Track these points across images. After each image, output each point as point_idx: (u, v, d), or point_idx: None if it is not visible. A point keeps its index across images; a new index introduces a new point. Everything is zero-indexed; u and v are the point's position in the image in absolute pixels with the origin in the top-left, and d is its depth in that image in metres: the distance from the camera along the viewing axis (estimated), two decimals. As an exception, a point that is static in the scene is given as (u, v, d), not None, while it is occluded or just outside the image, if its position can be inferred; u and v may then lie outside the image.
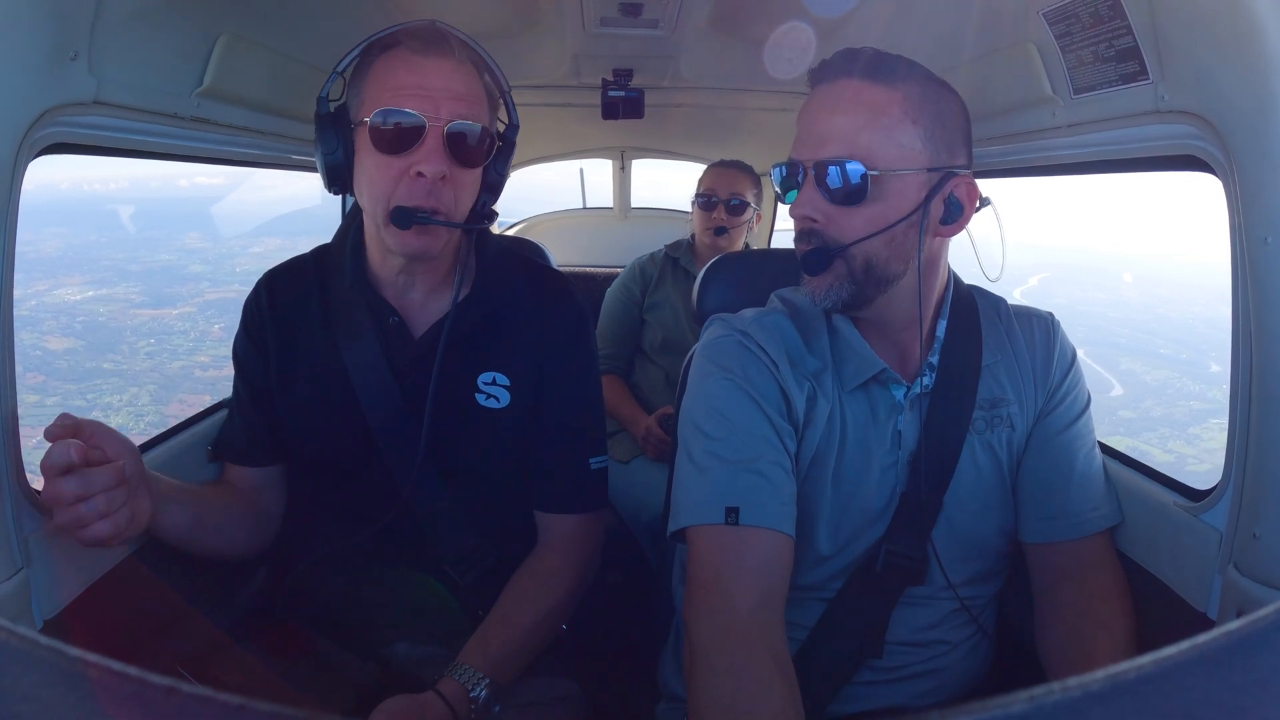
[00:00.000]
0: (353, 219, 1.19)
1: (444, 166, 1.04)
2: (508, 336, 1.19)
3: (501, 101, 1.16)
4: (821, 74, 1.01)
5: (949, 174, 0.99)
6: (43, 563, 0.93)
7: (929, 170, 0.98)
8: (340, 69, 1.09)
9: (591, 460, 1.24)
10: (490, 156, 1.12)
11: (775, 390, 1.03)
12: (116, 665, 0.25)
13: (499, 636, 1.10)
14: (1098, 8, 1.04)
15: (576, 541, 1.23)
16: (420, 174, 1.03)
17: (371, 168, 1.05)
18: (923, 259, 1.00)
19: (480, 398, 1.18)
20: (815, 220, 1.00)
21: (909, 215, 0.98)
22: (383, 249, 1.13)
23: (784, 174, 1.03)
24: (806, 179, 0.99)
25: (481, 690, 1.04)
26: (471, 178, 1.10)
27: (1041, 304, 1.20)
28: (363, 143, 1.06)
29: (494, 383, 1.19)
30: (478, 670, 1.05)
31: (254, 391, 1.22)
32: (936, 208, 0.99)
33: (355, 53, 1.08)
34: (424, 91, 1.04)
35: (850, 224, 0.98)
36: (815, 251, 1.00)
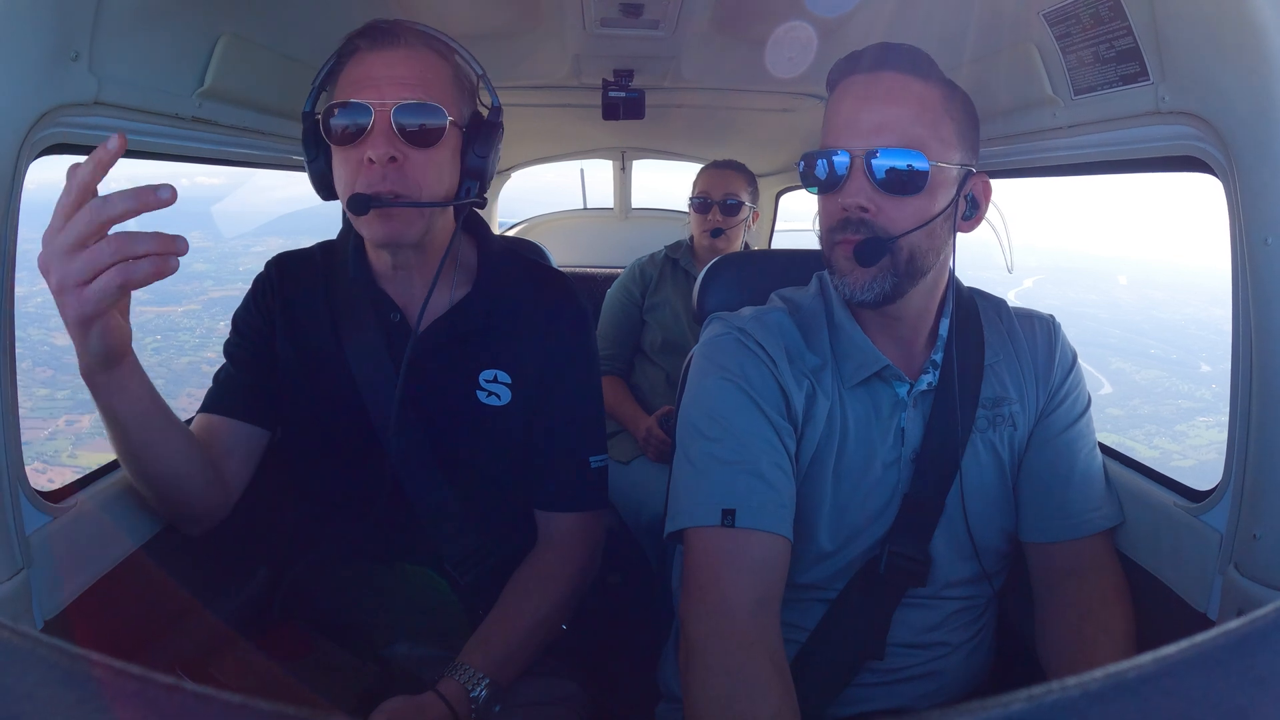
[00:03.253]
0: None
1: (391, 149, 1.03)
2: (510, 334, 1.19)
3: (480, 86, 1.16)
4: (856, 65, 1.00)
5: (969, 171, 1.01)
6: (44, 562, 0.93)
7: (960, 165, 1.00)
8: (317, 82, 1.11)
9: (592, 459, 1.23)
10: (457, 138, 1.10)
11: (774, 388, 1.03)
12: (118, 664, 0.25)
13: (499, 636, 1.10)
14: (1098, 9, 1.04)
15: (577, 540, 1.23)
16: (370, 160, 1.03)
17: (336, 164, 1.08)
18: (946, 254, 1.02)
19: (481, 395, 1.18)
20: (867, 210, 0.98)
21: (945, 209, 0.99)
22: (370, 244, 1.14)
23: (816, 164, 1.01)
24: (855, 168, 0.98)
25: (482, 690, 1.04)
26: (431, 159, 1.06)
27: (1035, 305, 1.20)
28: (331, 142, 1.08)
29: (495, 380, 1.18)
30: (478, 670, 1.05)
31: (253, 351, 1.19)
32: (961, 204, 1.01)
33: (329, 64, 1.11)
34: (370, 82, 1.05)
35: (900, 215, 0.98)
36: (871, 241, 0.98)
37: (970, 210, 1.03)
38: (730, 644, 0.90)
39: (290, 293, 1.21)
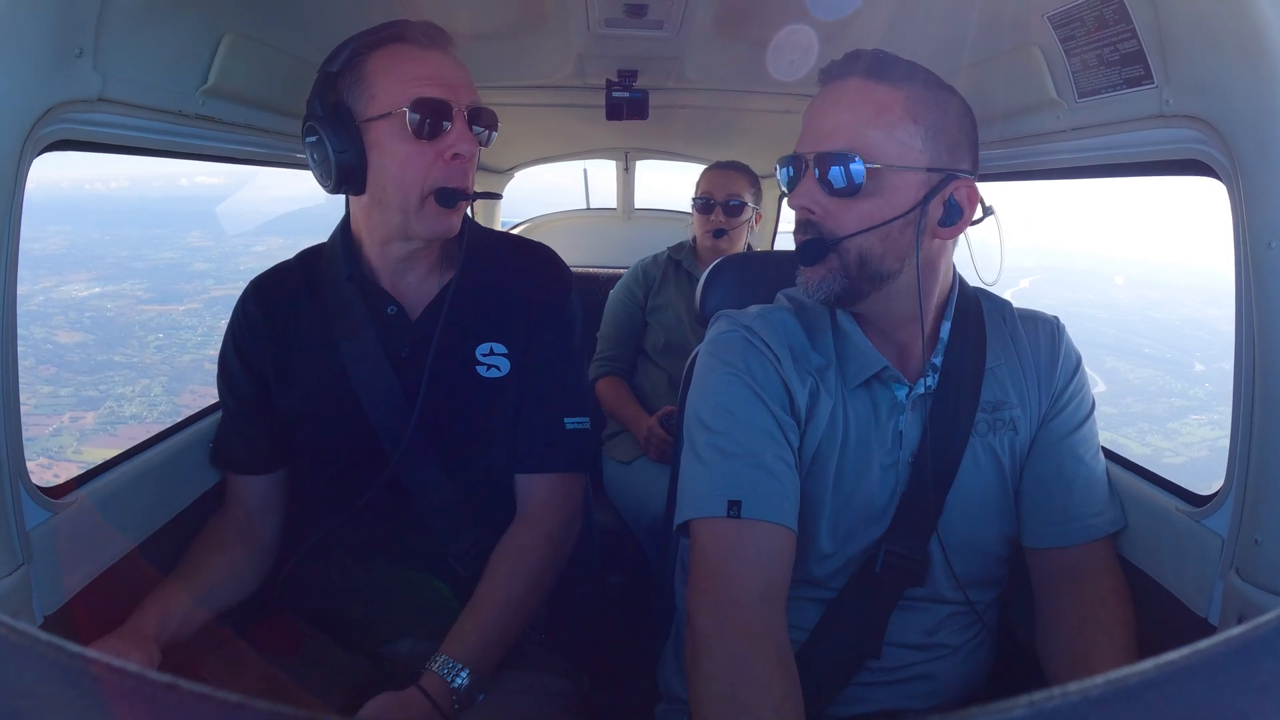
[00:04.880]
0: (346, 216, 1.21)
1: (474, 148, 1.10)
2: (502, 306, 1.21)
3: None
4: (828, 74, 1.03)
5: (950, 176, 0.99)
6: (44, 558, 0.93)
7: (928, 170, 0.98)
8: (334, 68, 1.10)
9: (568, 420, 1.23)
10: (493, 136, 1.17)
11: (778, 384, 1.04)
12: (117, 661, 0.25)
13: (474, 623, 1.11)
14: (1102, 11, 1.04)
15: (550, 508, 1.22)
16: (457, 155, 1.09)
17: (403, 156, 1.08)
18: (921, 259, 1.01)
19: (481, 369, 1.19)
20: (812, 212, 1.01)
21: (906, 213, 0.99)
22: (392, 238, 1.14)
23: (788, 169, 1.05)
24: (807, 171, 1.01)
25: (462, 680, 1.05)
26: (477, 157, 1.15)
27: (1031, 305, 1.20)
28: (387, 135, 1.08)
29: (492, 353, 1.20)
30: (456, 660, 1.06)
31: (244, 405, 1.23)
32: (935, 209, 1.00)
33: (347, 51, 1.10)
34: (443, 80, 1.09)
35: (846, 217, 1.00)
36: (810, 242, 1.02)
37: (952, 216, 1.01)
38: (736, 635, 0.91)
39: (274, 310, 1.21)
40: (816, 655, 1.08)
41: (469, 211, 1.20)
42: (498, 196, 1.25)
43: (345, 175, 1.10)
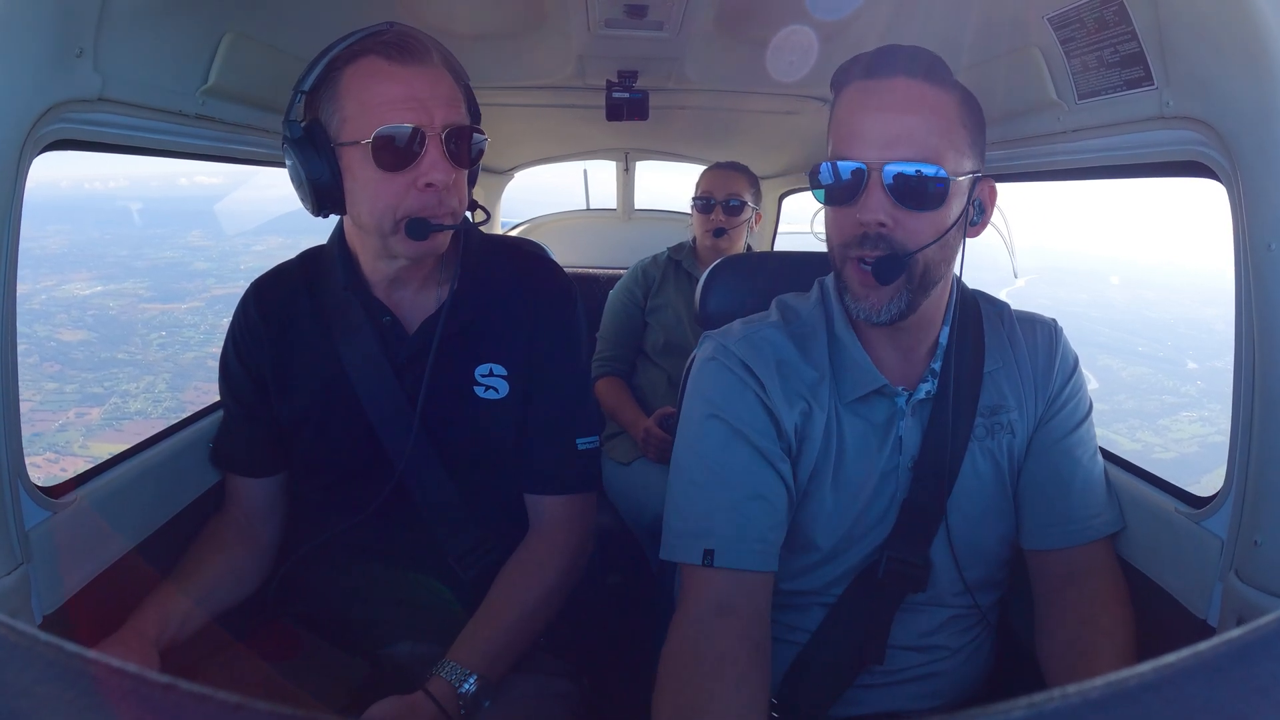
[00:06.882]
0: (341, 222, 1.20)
1: (449, 174, 1.04)
2: (502, 326, 1.19)
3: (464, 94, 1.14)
4: (874, 69, 0.96)
5: (977, 176, 0.99)
6: (43, 558, 0.93)
7: (970, 174, 0.98)
8: (306, 87, 1.05)
9: (579, 441, 1.23)
10: (481, 154, 1.12)
11: (761, 416, 1.03)
12: (115, 661, 0.25)
13: (486, 631, 1.11)
14: (1103, 13, 1.04)
15: (564, 525, 1.22)
16: (429, 184, 1.03)
17: (373, 184, 1.03)
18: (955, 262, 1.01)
19: (479, 390, 1.18)
20: (884, 224, 0.95)
21: (959, 219, 0.98)
22: (378, 256, 1.12)
23: (829, 173, 0.98)
24: (873, 181, 0.94)
25: (470, 686, 1.04)
26: (464, 177, 1.09)
27: (1026, 304, 1.20)
28: (358, 161, 1.03)
29: (491, 374, 1.18)
30: (465, 666, 1.06)
31: (246, 409, 1.23)
32: (970, 210, 0.99)
33: (320, 66, 1.04)
34: (415, 102, 1.02)
35: (918, 229, 0.95)
36: (889, 259, 0.95)
37: (976, 215, 1.01)
38: (698, 679, 0.93)
39: (274, 313, 1.20)
40: (818, 658, 1.08)
41: (468, 216, 1.19)
42: (482, 221, 1.17)
43: (323, 199, 1.07)
